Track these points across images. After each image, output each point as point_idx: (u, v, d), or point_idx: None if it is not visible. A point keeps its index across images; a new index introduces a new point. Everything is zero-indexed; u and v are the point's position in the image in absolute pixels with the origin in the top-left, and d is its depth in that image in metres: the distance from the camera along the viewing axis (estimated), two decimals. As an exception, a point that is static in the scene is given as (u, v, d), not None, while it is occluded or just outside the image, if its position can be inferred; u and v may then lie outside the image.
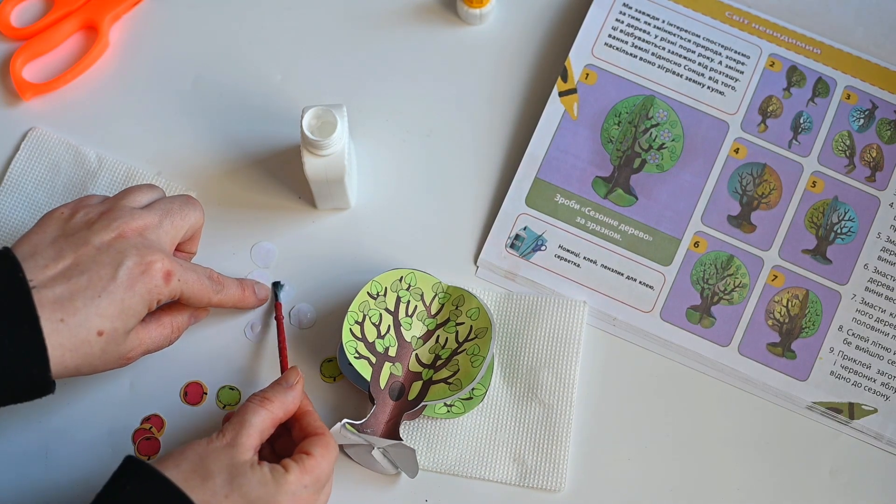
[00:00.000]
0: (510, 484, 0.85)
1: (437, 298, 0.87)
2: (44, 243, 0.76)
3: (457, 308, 0.87)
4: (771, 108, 0.92)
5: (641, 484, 0.86)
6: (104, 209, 0.79)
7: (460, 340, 0.86)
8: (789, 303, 0.88)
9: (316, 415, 0.80)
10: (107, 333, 0.75)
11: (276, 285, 0.88)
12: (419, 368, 0.85)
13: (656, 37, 0.93)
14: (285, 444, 0.80)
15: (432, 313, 0.87)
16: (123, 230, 0.77)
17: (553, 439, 0.85)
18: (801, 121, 0.92)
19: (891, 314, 0.88)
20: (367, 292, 0.85)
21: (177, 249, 0.84)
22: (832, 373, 0.87)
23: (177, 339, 0.83)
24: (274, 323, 0.88)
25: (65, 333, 0.73)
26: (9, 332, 0.71)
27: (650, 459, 0.86)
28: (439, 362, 0.85)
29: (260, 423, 0.75)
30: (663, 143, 0.91)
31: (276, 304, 0.87)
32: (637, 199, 0.90)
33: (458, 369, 0.85)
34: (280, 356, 0.84)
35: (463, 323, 0.86)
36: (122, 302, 0.75)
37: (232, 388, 0.87)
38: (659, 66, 0.93)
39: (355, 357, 0.84)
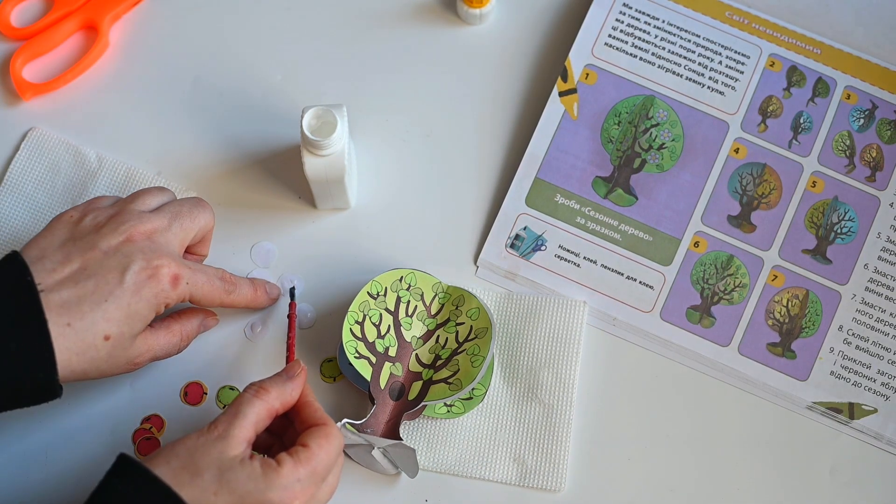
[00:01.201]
0: (510, 484, 0.85)
1: (437, 298, 0.87)
2: (52, 247, 0.76)
3: (457, 308, 0.87)
4: (771, 108, 0.92)
5: (641, 484, 0.86)
6: (113, 213, 0.79)
7: (460, 340, 0.86)
8: (789, 303, 0.88)
9: (318, 406, 0.78)
10: (113, 338, 0.75)
11: (292, 290, 0.88)
12: (419, 368, 0.85)
13: (656, 37, 0.93)
14: (293, 436, 0.78)
15: (432, 313, 0.87)
16: (131, 234, 0.77)
17: (553, 439, 0.85)
18: (801, 121, 0.92)
19: (891, 314, 0.88)
20: (368, 292, 0.85)
21: (187, 252, 0.84)
22: (832, 373, 0.87)
23: (186, 347, 0.83)
24: (275, 323, 0.88)
25: (71, 338, 0.73)
26: (16, 336, 0.71)
27: (650, 459, 0.86)
28: (439, 362, 0.85)
29: (254, 415, 0.74)
30: (663, 143, 0.91)
31: (290, 304, 0.86)
32: (637, 199, 0.90)
33: (458, 369, 0.85)
34: (287, 352, 0.83)
35: (463, 323, 0.86)
36: (128, 307, 0.75)
37: (232, 389, 0.87)
38: (659, 66, 0.93)
39: (355, 357, 0.84)
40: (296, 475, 0.72)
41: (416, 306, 0.87)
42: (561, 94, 0.92)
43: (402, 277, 0.86)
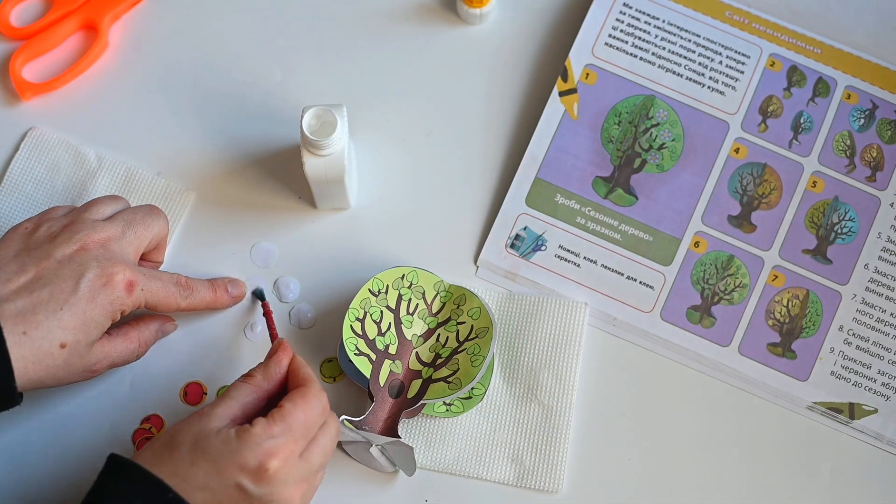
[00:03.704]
0: (508, 484, 0.85)
1: (438, 297, 0.87)
2: (6, 258, 0.77)
3: (458, 307, 0.86)
4: (771, 107, 0.92)
5: (640, 485, 0.85)
6: (67, 222, 0.80)
7: (461, 339, 0.85)
8: (790, 303, 0.88)
9: (305, 371, 0.77)
10: (69, 346, 0.76)
11: (256, 293, 0.88)
12: (419, 367, 0.85)
13: (656, 36, 0.93)
14: None
15: (433, 312, 0.87)
16: (85, 242, 0.78)
17: (552, 441, 0.85)
18: (802, 121, 0.92)
19: (891, 314, 0.88)
20: (369, 289, 0.85)
21: (143, 259, 0.85)
22: (832, 373, 0.87)
23: (144, 353, 0.84)
24: (275, 323, 0.88)
25: (27, 346, 0.74)
26: None
27: (650, 460, 0.86)
28: (439, 361, 0.85)
29: (242, 397, 0.74)
30: (663, 143, 0.91)
31: (262, 304, 0.86)
32: (637, 198, 0.90)
33: (458, 368, 0.85)
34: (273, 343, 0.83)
35: (464, 322, 0.86)
36: (83, 314, 0.76)
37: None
38: (659, 66, 0.93)
39: (355, 354, 0.84)
40: (269, 433, 0.71)
41: (418, 304, 0.86)
42: (561, 93, 0.92)
43: (403, 275, 0.86)
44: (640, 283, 0.89)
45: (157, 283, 0.81)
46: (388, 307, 0.86)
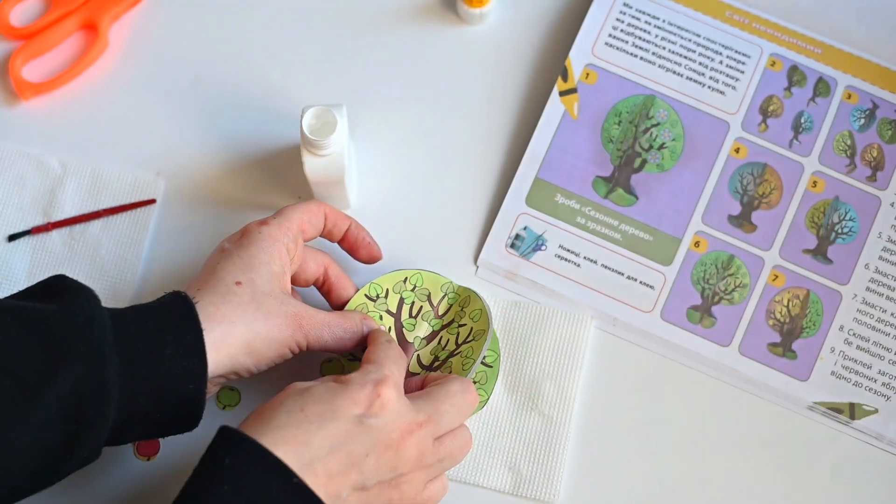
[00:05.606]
0: (504, 492, 0.85)
1: (446, 298, 0.86)
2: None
3: (462, 309, 0.86)
4: (772, 107, 0.92)
5: (639, 486, 0.85)
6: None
7: (459, 342, 0.85)
8: (790, 303, 0.88)
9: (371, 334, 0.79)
10: (245, 283, 0.76)
11: None
12: (418, 370, 0.85)
13: (657, 36, 0.93)
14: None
15: (440, 314, 0.86)
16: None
17: (550, 451, 0.85)
18: (802, 120, 0.92)
19: (892, 314, 0.88)
20: (365, 295, 0.85)
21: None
22: (833, 373, 0.87)
23: (354, 341, 0.81)
24: None
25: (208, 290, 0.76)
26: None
27: (648, 460, 0.86)
28: (437, 363, 0.85)
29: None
30: (664, 143, 0.91)
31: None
32: (637, 198, 0.90)
33: (451, 372, 0.83)
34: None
35: (465, 325, 0.85)
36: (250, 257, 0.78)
37: (231, 389, 0.87)
38: (659, 66, 0.92)
39: (349, 359, 0.84)
40: (364, 371, 0.73)
41: (422, 307, 0.86)
42: (561, 93, 0.92)
43: (406, 278, 0.86)
44: (641, 282, 0.89)
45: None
46: (388, 311, 0.85)
